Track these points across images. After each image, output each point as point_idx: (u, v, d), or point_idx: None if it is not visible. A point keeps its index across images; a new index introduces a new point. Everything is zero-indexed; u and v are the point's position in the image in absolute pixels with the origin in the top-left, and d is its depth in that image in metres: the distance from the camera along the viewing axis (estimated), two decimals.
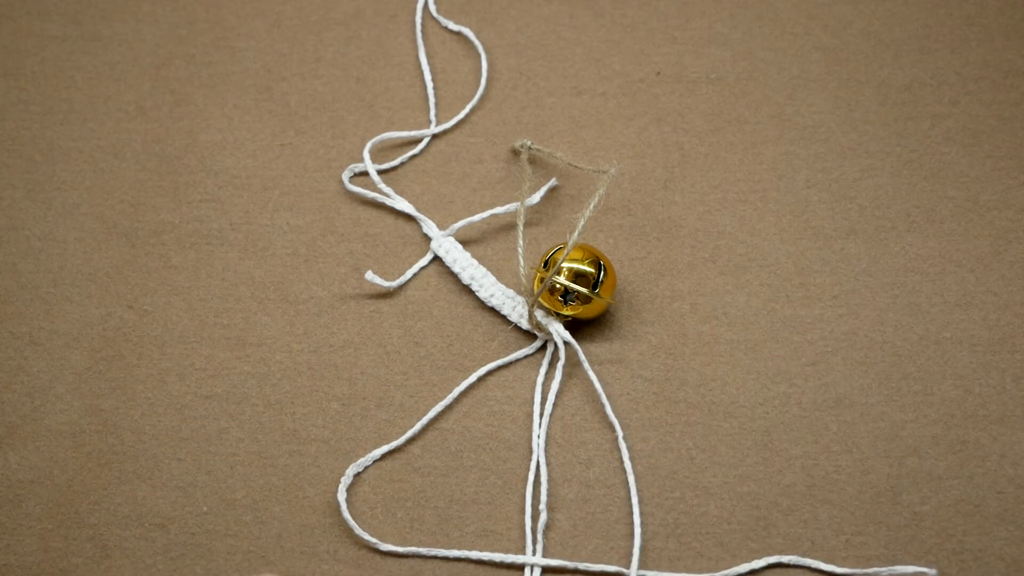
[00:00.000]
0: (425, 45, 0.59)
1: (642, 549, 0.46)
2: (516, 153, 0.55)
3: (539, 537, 0.45)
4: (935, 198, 0.54)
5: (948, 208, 0.54)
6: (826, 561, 0.45)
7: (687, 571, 0.45)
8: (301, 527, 0.46)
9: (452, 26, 0.59)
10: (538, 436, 0.48)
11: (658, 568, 0.45)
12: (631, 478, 0.47)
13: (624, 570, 0.45)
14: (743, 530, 0.46)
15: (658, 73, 0.58)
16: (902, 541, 0.46)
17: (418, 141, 0.56)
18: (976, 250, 0.53)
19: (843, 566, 0.45)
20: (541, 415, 0.48)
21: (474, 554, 0.45)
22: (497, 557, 0.45)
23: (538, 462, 0.47)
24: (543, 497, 0.46)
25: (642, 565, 0.45)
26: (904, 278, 0.52)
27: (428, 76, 0.57)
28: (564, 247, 0.49)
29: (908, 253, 0.53)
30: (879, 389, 0.49)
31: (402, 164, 0.55)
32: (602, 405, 0.48)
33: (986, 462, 0.47)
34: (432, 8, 0.60)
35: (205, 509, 0.47)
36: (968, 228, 0.53)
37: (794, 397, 0.49)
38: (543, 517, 0.46)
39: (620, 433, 0.48)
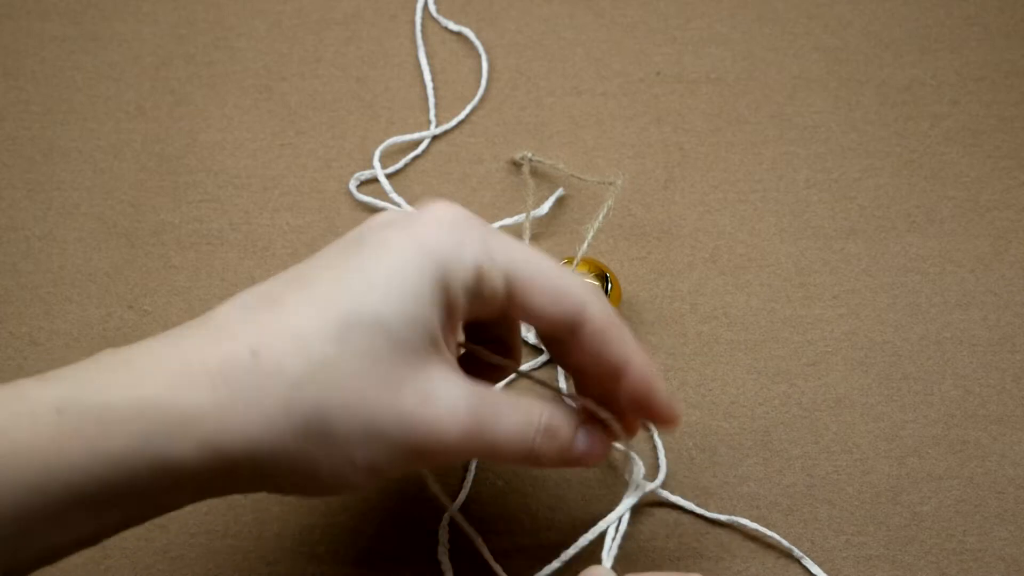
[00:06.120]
0: (425, 45, 0.59)
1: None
2: (517, 165, 0.55)
3: None
4: (935, 198, 0.54)
5: (948, 208, 0.54)
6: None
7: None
8: (301, 527, 0.46)
9: (452, 26, 0.59)
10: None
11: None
12: (662, 471, 0.47)
13: None
14: (743, 530, 0.46)
15: (658, 73, 0.58)
16: (902, 541, 0.46)
17: (419, 142, 0.56)
18: (976, 250, 0.53)
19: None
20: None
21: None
22: None
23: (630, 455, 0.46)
24: None
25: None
26: (904, 278, 0.52)
27: (428, 76, 0.57)
28: (570, 262, 0.49)
29: (908, 253, 0.53)
30: (879, 389, 0.49)
31: (406, 167, 0.55)
32: None
33: (986, 462, 0.47)
34: (432, 8, 0.60)
35: (205, 509, 0.46)
36: (968, 228, 0.53)
37: (794, 397, 0.49)
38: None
39: (655, 432, 0.48)
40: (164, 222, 0.53)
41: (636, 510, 0.46)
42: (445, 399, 0.35)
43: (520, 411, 0.37)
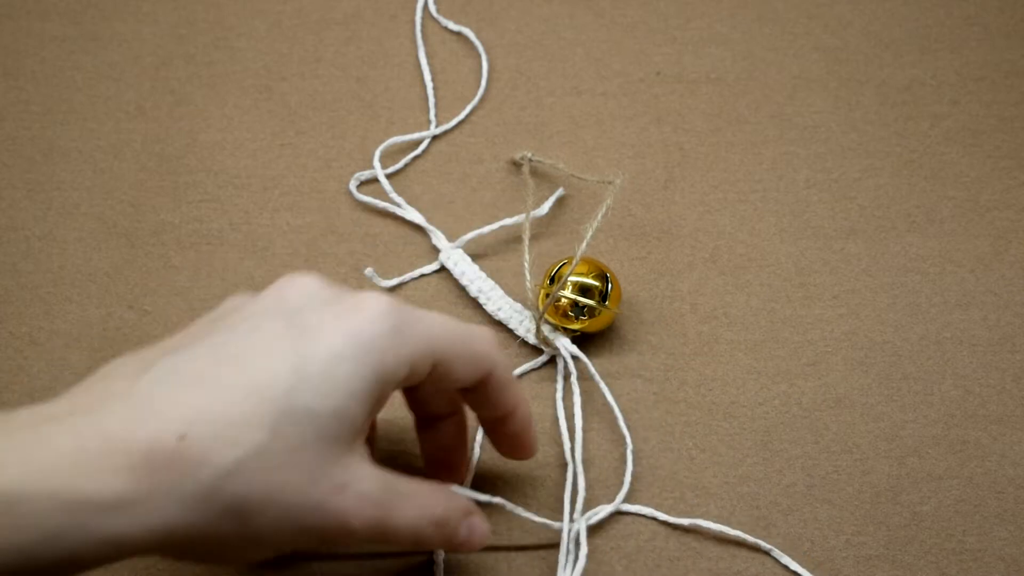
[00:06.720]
0: (425, 45, 0.59)
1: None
2: (517, 165, 0.55)
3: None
4: (935, 198, 0.54)
5: (948, 208, 0.54)
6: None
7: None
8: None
9: (452, 26, 0.59)
10: (571, 450, 0.47)
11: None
12: (626, 483, 0.47)
13: None
14: (743, 530, 0.46)
15: (658, 73, 0.58)
16: (902, 541, 0.46)
17: (419, 142, 0.56)
18: (976, 250, 0.53)
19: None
20: (572, 433, 0.48)
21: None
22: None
23: (576, 473, 0.47)
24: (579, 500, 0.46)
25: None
26: (904, 278, 0.52)
27: (428, 76, 0.57)
28: (569, 262, 0.48)
29: (908, 253, 0.53)
30: (879, 389, 0.49)
31: (406, 166, 0.55)
32: (613, 416, 0.48)
33: (986, 462, 0.47)
34: (432, 8, 0.60)
35: None
36: (968, 228, 0.53)
37: (794, 397, 0.49)
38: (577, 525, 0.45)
39: (630, 447, 0.47)
40: (164, 222, 0.53)
41: (608, 519, 0.46)
42: (356, 489, 0.36)
43: (418, 504, 0.38)
